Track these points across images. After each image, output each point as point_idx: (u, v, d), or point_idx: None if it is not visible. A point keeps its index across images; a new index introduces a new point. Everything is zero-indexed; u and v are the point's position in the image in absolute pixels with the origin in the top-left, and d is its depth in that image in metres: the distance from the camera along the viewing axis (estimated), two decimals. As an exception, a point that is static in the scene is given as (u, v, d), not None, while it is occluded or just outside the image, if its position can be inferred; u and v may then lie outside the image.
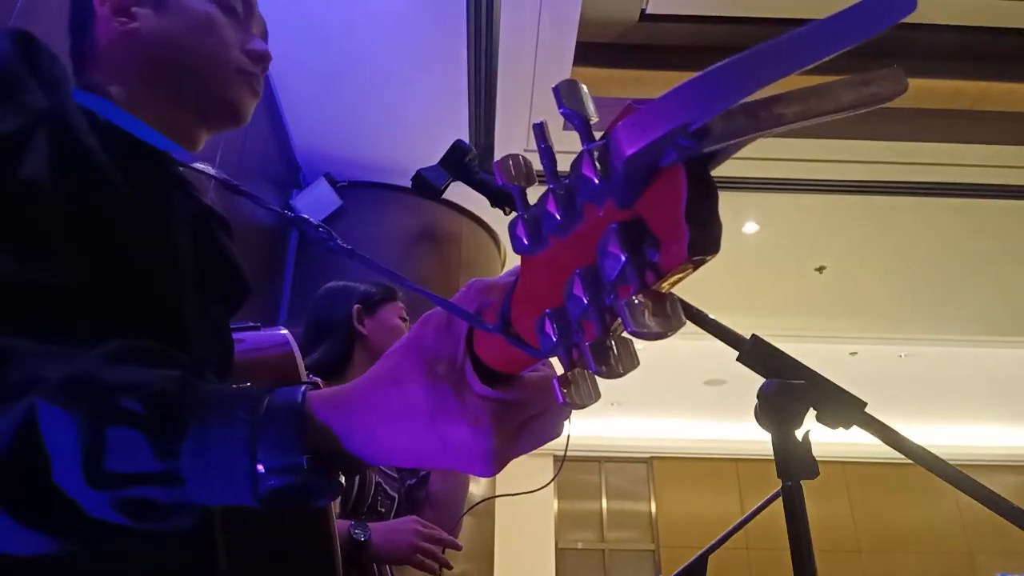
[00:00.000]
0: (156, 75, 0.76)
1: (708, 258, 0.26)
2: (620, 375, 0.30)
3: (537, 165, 0.34)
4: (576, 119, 0.30)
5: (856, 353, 6.20)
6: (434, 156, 1.08)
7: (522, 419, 0.40)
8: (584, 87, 0.31)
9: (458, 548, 1.50)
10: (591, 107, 0.31)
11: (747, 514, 1.00)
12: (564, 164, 0.33)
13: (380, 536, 1.40)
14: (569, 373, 0.32)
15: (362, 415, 0.41)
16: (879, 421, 0.84)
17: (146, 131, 0.69)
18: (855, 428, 0.84)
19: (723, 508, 7.57)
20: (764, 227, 4.45)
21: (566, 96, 0.30)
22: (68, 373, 0.41)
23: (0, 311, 0.47)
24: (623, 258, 0.27)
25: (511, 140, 3.59)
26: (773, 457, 0.84)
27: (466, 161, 1.06)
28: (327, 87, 3.26)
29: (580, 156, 0.29)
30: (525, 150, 3.63)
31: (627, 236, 0.27)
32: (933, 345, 5.95)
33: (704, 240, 0.26)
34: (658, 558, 7.67)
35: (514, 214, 0.35)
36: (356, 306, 1.67)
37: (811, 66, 0.22)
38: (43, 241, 0.53)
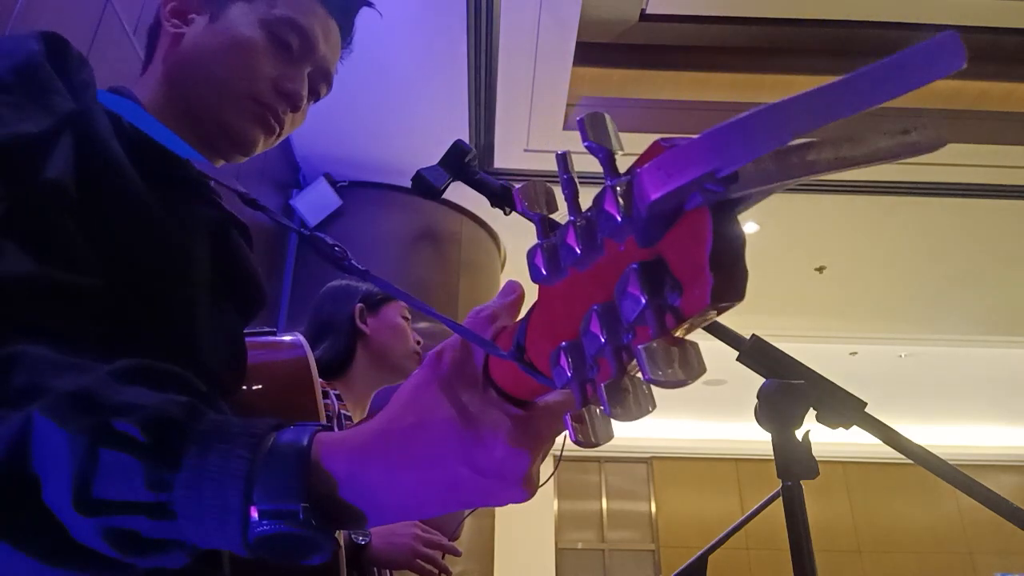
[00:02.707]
0: (179, 84, 0.76)
1: (732, 305, 0.25)
2: (636, 418, 0.30)
3: (534, 166, 0.33)
4: (601, 152, 0.29)
5: (856, 353, 6.20)
6: (434, 156, 1.08)
7: (547, 443, 0.38)
8: (609, 118, 0.30)
9: (457, 554, 1.51)
10: (616, 140, 0.30)
11: (747, 514, 1.00)
12: (575, 164, 0.33)
13: (380, 540, 1.40)
14: (583, 411, 0.31)
15: (380, 457, 0.38)
16: (879, 421, 0.84)
17: (168, 136, 0.69)
18: (855, 428, 0.84)
19: (723, 508, 7.57)
20: (764, 227, 4.45)
21: (591, 129, 0.29)
22: (70, 388, 0.39)
23: (17, 311, 0.46)
24: (643, 300, 0.26)
25: (511, 140, 3.59)
26: (773, 457, 0.84)
27: (466, 161, 1.06)
28: (327, 87, 3.26)
29: (603, 192, 0.29)
30: (525, 150, 3.64)
31: (648, 278, 0.27)
32: (933, 345, 5.95)
33: (729, 287, 0.25)
34: (658, 558, 7.68)
35: (519, 222, 0.34)
36: (359, 305, 1.67)
37: (842, 119, 0.21)
38: (63, 243, 0.53)
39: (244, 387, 0.77)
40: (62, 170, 0.54)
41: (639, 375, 0.29)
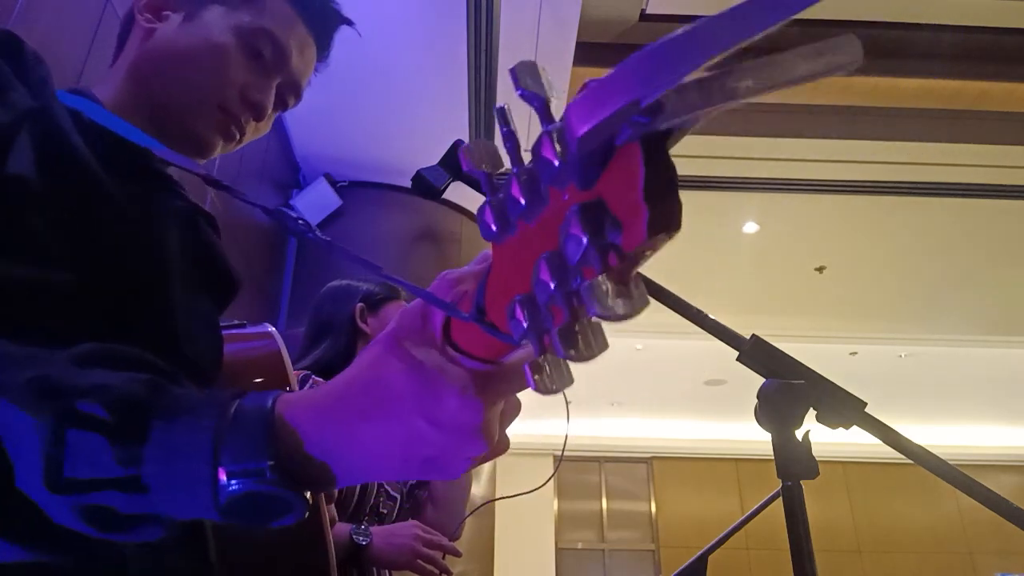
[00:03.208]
0: (143, 79, 0.75)
1: (670, 236, 0.25)
2: (590, 358, 0.30)
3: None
4: (536, 100, 0.30)
5: (856, 353, 6.21)
6: (434, 156, 1.08)
7: (506, 396, 0.39)
8: (544, 67, 0.30)
9: (457, 554, 1.51)
10: (550, 88, 0.30)
11: (747, 514, 1.00)
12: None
13: (381, 540, 1.40)
14: (541, 359, 0.32)
15: (338, 412, 0.39)
16: (879, 421, 0.84)
17: (128, 129, 0.69)
18: (855, 428, 0.84)
19: (723, 508, 7.57)
20: (764, 227, 4.45)
21: (525, 77, 0.30)
22: (32, 375, 0.40)
23: None
24: (584, 240, 0.27)
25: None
26: (773, 457, 0.84)
27: (466, 161, 1.06)
28: (327, 87, 3.26)
29: (540, 138, 0.29)
30: (525, 150, 3.63)
31: (588, 218, 0.27)
32: (933, 345, 5.95)
33: (664, 217, 0.25)
34: (658, 558, 7.68)
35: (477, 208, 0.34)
36: (359, 305, 1.67)
37: (757, 38, 0.21)
38: (29, 238, 0.53)
39: (219, 376, 0.77)
40: (23, 165, 0.54)
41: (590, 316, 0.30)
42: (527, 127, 3.55)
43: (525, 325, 0.31)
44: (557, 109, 0.30)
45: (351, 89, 3.27)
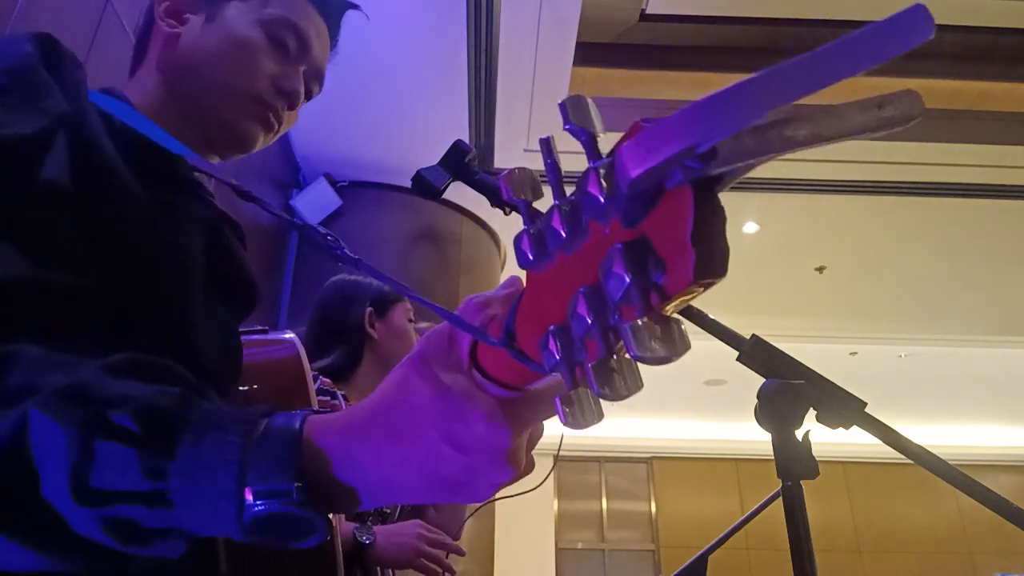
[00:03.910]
0: (178, 84, 0.77)
1: (715, 281, 0.25)
2: (624, 398, 0.30)
3: (534, 166, 0.34)
4: (583, 135, 0.30)
5: (856, 353, 6.20)
6: (434, 156, 1.08)
7: (533, 424, 0.39)
8: (591, 101, 0.30)
9: (461, 553, 1.51)
10: (598, 123, 0.30)
11: (747, 514, 1.00)
12: (561, 164, 0.33)
13: (384, 539, 1.40)
14: (572, 393, 0.32)
15: (365, 434, 0.39)
16: (879, 421, 0.84)
17: (161, 135, 0.69)
18: (855, 428, 0.84)
19: (723, 508, 7.57)
20: (764, 227, 4.45)
21: (572, 112, 0.30)
22: (64, 383, 0.40)
23: (14, 312, 0.47)
24: (627, 279, 0.27)
25: (511, 140, 3.59)
26: (773, 457, 0.84)
27: (466, 161, 1.06)
28: (327, 87, 3.26)
29: (586, 174, 0.29)
30: (525, 150, 3.64)
31: (632, 257, 0.27)
32: (933, 345, 5.95)
33: (711, 263, 0.25)
34: (658, 558, 7.67)
35: (519, 222, 0.35)
36: (368, 309, 1.66)
37: (818, 91, 0.21)
38: (60, 244, 0.53)
39: (238, 386, 0.77)
40: (57, 171, 0.55)
41: (626, 355, 0.30)
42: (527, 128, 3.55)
43: (558, 357, 0.31)
44: (603, 143, 0.30)
45: (351, 89, 3.27)
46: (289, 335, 0.90)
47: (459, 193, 1.16)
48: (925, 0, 0.21)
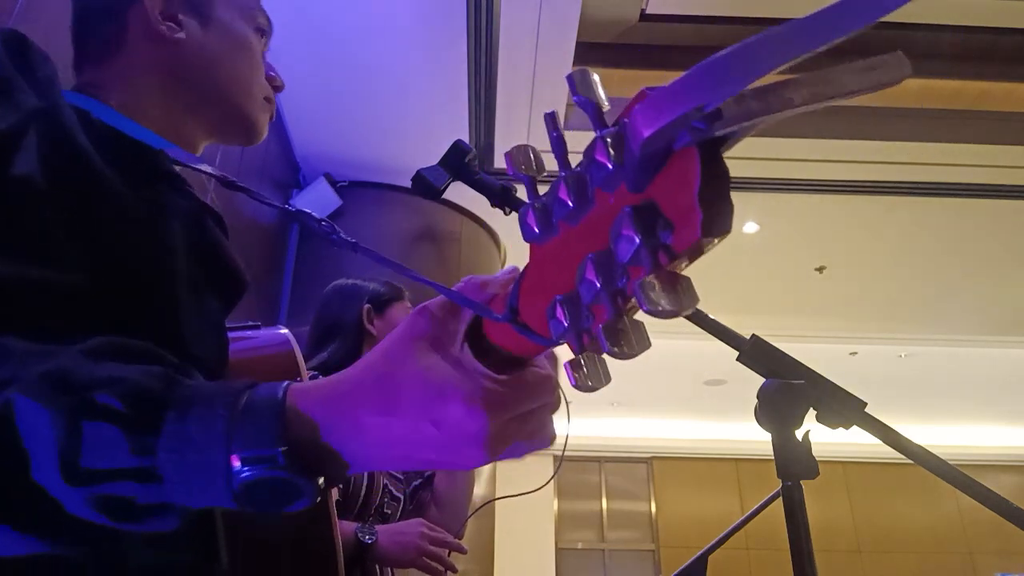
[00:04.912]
0: (183, 85, 0.77)
1: (720, 239, 0.27)
2: (634, 355, 0.31)
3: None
4: (589, 107, 0.31)
5: (856, 353, 6.20)
6: (434, 156, 1.08)
7: (517, 412, 0.39)
8: (596, 75, 0.32)
9: (463, 551, 1.51)
10: (603, 95, 0.31)
11: (747, 514, 1.00)
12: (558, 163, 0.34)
13: (386, 538, 1.40)
14: (580, 357, 0.33)
15: (349, 402, 0.40)
16: (879, 421, 0.84)
17: (139, 131, 0.69)
18: (855, 428, 0.84)
19: (723, 508, 7.57)
20: (764, 227, 4.44)
21: (579, 84, 0.31)
22: (46, 369, 0.41)
23: None
24: (637, 240, 0.28)
25: (511, 140, 3.59)
26: (773, 457, 0.84)
27: (466, 161, 1.06)
28: (327, 87, 3.26)
29: (594, 142, 0.30)
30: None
31: (641, 219, 0.28)
32: (933, 345, 5.95)
33: (717, 220, 0.26)
34: (658, 558, 7.68)
35: (519, 209, 0.35)
36: (366, 307, 1.67)
37: (818, 51, 0.22)
38: (37, 239, 0.53)
39: (227, 369, 0.77)
40: (30, 166, 0.54)
41: (636, 315, 0.31)
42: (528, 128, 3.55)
43: (566, 324, 0.32)
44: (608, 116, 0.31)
45: (351, 89, 3.27)
46: (283, 331, 0.90)
47: (459, 193, 1.16)
48: (925, 0, 0.21)
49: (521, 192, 1.12)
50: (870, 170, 3.89)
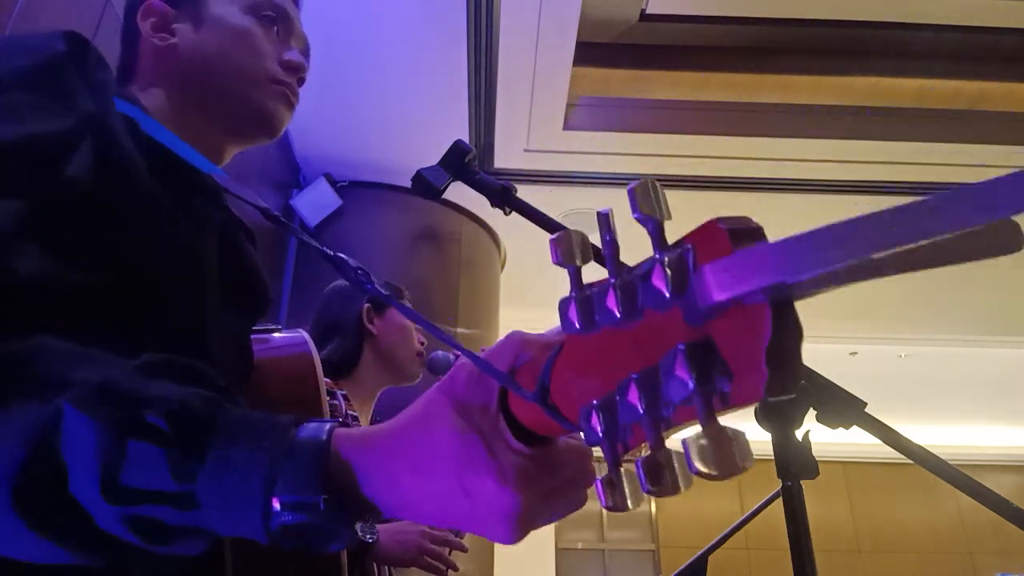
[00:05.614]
0: (190, 89, 0.77)
1: (784, 399, 0.25)
2: (675, 493, 0.28)
3: (534, 166, 0.32)
4: (650, 223, 0.28)
5: (856, 353, 6.20)
6: (434, 156, 1.08)
7: (552, 486, 0.38)
8: (659, 187, 0.29)
9: (464, 550, 1.51)
10: (665, 209, 0.29)
11: (747, 514, 1.00)
12: (561, 164, 0.32)
13: (388, 537, 1.40)
14: (613, 475, 0.30)
15: (387, 458, 0.40)
16: (879, 421, 0.84)
17: (179, 144, 0.70)
18: (855, 428, 0.84)
19: (723, 508, 7.56)
20: (764, 227, 4.44)
21: (640, 199, 0.28)
22: (98, 380, 0.40)
23: (36, 309, 0.47)
24: (691, 386, 0.25)
25: (511, 140, 3.59)
26: (773, 457, 0.84)
27: (466, 161, 1.06)
28: (327, 87, 3.26)
29: (652, 265, 0.28)
30: (525, 150, 3.63)
31: (697, 361, 0.25)
32: (933, 345, 5.94)
33: (783, 383, 0.24)
34: (658, 558, 7.67)
35: (559, 301, 0.32)
36: (366, 305, 1.67)
37: (923, 243, 0.20)
38: (81, 243, 0.53)
39: (249, 382, 0.78)
40: (82, 170, 0.55)
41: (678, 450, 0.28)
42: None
43: (600, 434, 0.30)
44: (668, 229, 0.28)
45: (351, 89, 3.27)
46: (303, 334, 0.92)
47: (459, 193, 1.16)
48: (925, 0, 0.20)
49: (522, 192, 1.12)
50: (870, 170, 3.88)
